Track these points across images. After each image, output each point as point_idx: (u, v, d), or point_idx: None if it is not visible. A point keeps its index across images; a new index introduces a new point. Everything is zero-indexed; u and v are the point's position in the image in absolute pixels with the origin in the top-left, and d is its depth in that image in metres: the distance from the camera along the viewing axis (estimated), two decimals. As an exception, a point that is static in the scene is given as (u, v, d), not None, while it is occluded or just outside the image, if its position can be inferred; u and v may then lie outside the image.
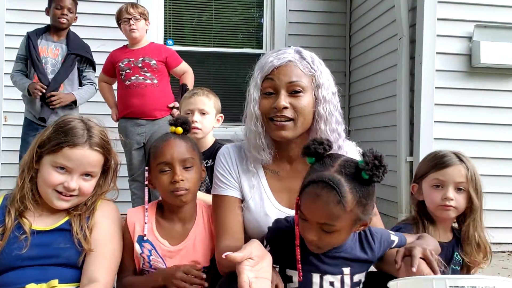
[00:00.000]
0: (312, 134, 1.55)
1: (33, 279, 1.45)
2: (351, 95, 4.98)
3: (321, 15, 4.97)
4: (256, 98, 1.54)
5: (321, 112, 1.52)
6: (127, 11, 3.50)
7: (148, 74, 3.48)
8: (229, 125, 4.60)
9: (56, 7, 3.42)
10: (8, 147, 4.17)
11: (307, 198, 1.25)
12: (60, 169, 1.50)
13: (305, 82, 1.51)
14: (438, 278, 1.18)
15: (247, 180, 1.60)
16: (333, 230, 1.25)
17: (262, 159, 1.58)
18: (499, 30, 3.63)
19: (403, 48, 3.74)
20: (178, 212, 1.63)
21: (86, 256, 1.52)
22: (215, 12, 5.08)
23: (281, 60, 1.51)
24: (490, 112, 3.68)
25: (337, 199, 1.21)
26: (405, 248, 1.37)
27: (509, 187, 3.68)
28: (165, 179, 1.58)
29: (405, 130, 3.72)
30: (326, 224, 1.24)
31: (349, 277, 1.38)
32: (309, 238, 1.27)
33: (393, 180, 3.77)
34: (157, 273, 1.59)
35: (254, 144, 1.56)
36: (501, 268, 3.20)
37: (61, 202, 1.52)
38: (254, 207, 1.57)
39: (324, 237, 1.26)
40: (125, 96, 3.52)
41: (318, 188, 1.23)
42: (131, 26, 3.50)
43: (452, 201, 1.72)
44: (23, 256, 1.47)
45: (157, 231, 1.62)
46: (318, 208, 1.23)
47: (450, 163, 1.74)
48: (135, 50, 3.55)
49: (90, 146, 1.52)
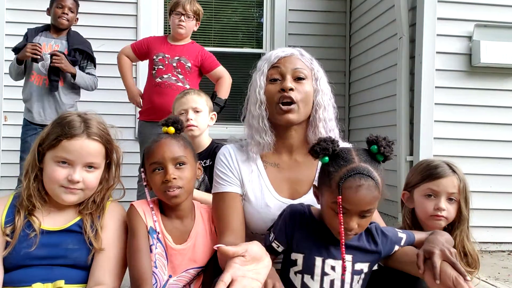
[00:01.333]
0: (311, 123, 1.65)
1: (39, 279, 1.46)
2: (351, 95, 4.99)
3: (321, 14, 4.97)
4: (262, 84, 1.64)
5: (320, 101, 1.65)
6: (183, 6, 3.37)
7: (181, 77, 3.35)
8: (228, 125, 4.63)
9: (57, 6, 3.43)
10: (8, 147, 4.17)
11: (349, 191, 1.32)
12: (62, 163, 1.50)
13: (307, 72, 1.65)
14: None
15: (248, 175, 1.64)
16: (370, 214, 1.37)
17: (265, 144, 1.63)
18: (499, 30, 3.63)
19: (403, 47, 3.74)
20: (175, 210, 1.63)
21: (94, 258, 1.52)
22: (215, 11, 5.08)
23: (285, 52, 1.67)
24: (490, 112, 3.68)
25: (375, 185, 1.33)
26: (424, 250, 1.37)
27: (509, 186, 3.68)
28: (158, 179, 1.58)
29: (405, 129, 3.72)
30: (368, 211, 1.35)
31: (351, 264, 1.43)
32: (352, 227, 1.35)
33: (393, 179, 3.77)
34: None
35: (257, 127, 1.63)
36: (501, 268, 3.20)
37: (68, 195, 1.52)
38: (255, 199, 1.61)
39: (362, 222, 1.37)
40: (153, 93, 3.36)
41: (356, 180, 1.32)
42: (180, 22, 3.37)
43: (444, 212, 1.75)
44: (32, 255, 1.47)
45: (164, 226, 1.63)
46: (362, 197, 1.32)
47: (444, 174, 1.77)
48: (174, 46, 3.42)
49: (88, 136, 1.52)
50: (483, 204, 3.51)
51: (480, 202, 3.45)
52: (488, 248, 3.63)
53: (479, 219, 1.99)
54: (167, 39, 3.50)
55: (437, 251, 1.34)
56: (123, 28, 4.60)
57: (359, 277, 1.45)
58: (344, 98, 4.99)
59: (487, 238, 3.61)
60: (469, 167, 3.45)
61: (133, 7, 4.64)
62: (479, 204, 3.19)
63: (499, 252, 3.62)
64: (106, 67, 4.17)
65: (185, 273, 1.63)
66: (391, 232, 1.50)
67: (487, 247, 3.63)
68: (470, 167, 3.48)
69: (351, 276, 1.43)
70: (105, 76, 4.10)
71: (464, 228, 1.78)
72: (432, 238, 1.44)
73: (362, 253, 1.45)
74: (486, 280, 2.79)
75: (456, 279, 1.27)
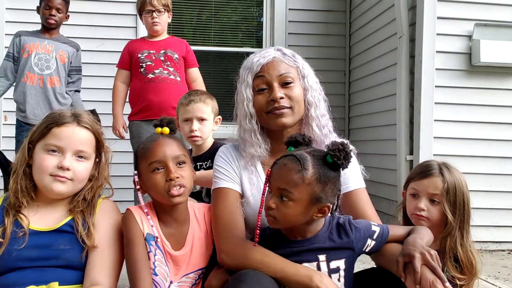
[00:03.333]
0: (305, 122, 1.63)
1: (33, 281, 1.44)
2: (351, 94, 4.98)
3: (321, 14, 4.97)
4: (249, 97, 1.61)
5: (310, 99, 1.62)
6: (151, 2, 3.28)
7: (172, 69, 3.28)
8: (228, 124, 4.62)
9: (45, 7, 3.42)
10: (8, 147, 4.16)
11: (275, 167, 1.41)
12: (52, 151, 1.50)
13: (293, 73, 1.61)
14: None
15: (247, 177, 1.62)
16: (290, 198, 1.36)
17: (259, 156, 1.62)
18: (499, 29, 3.62)
19: (403, 46, 3.74)
20: (172, 213, 1.59)
21: (88, 258, 1.50)
22: (215, 10, 5.08)
23: (267, 58, 1.61)
24: (490, 111, 3.68)
25: (298, 169, 1.36)
26: (404, 254, 1.35)
27: (508, 185, 3.68)
28: (159, 178, 1.53)
29: (405, 129, 3.72)
30: (285, 190, 1.36)
31: (325, 263, 1.43)
32: (268, 204, 1.38)
33: (393, 179, 3.77)
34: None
35: (250, 142, 1.61)
36: (501, 267, 3.20)
37: (57, 184, 1.50)
38: (254, 203, 1.59)
39: (281, 206, 1.37)
40: (147, 90, 3.24)
41: (286, 159, 1.39)
42: (154, 20, 3.30)
43: (423, 212, 1.73)
44: (23, 256, 1.46)
45: (161, 231, 1.59)
46: (281, 174, 1.38)
47: (428, 175, 1.74)
48: (155, 42, 3.35)
49: (78, 123, 1.54)
50: (483, 203, 3.52)
51: (480, 201, 3.45)
52: (488, 247, 3.63)
53: (479, 218, 1.97)
54: (145, 39, 3.44)
55: (418, 254, 1.32)
56: (122, 28, 4.60)
57: (337, 274, 1.43)
58: (344, 97, 4.99)
59: (487, 237, 3.61)
60: (469, 166, 3.46)
61: (133, 6, 4.62)
62: (479, 203, 3.20)
63: (499, 251, 3.62)
64: (105, 66, 4.17)
65: (185, 277, 1.60)
66: (363, 225, 1.49)
67: (487, 246, 3.63)
68: (470, 166, 3.48)
69: (328, 275, 1.41)
70: (104, 75, 4.11)
71: (455, 232, 1.71)
72: (412, 240, 1.41)
73: (335, 251, 1.44)
74: (486, 279, 2.79)
75: (433, 283, 1.26)
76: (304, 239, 1.45)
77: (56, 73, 3.43)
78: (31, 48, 3.40)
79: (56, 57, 3.43)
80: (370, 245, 1.48)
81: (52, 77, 3.42)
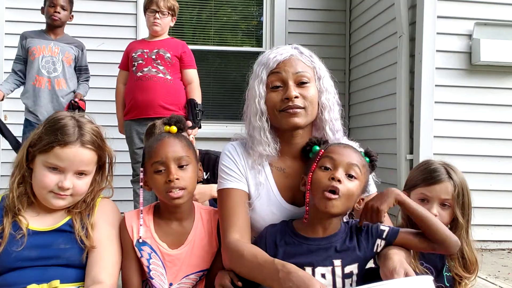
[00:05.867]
0: (317, 125, 1.61)
1: (34, 280, 1.44)
2: (351, 93, 4.98)
3: (321, 13, 4.97)
4: (262, 93, 1.56)
5: (324, 102, 1.58)
6: (157, 3, 3.29)
7: (161, 68, 3.27)
8: (228, 124, 4.63)
9: (50, 4, 3.46)
10: (8, 146, 4.14)
11: (337, 146, 1.49)
12: (53, 169, 1.48)
13: (310, 73, 1.57)
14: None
15: (254, 177, 1.59)
16: (356, 176, 1.43)
17: (268, 155, 1.58)
18: (499, 28, 3.62)
19: (403, 46, 3.74)
20: (175, 212, 1.61)
21: (89, 256, 1.50)
22: (215, 10, 5.07)
23: (284, 55, 1.56)
24: (490, 110, 3.68)
25: (360, 154, 1.49)
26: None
27: (509, 185, 3.68)
28: (160, 179, 1.54)
29: (405, 128, 3.72)
30: (356, 166, 1.43)
31: (340, 268, 1.43)
32: (338, 177, 1.40)
33: (393, 178, 3.77)
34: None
35: (259, 140, 1.57)
36: (501, 266, 3.20)
37: (58, 200, 1.50)
38: (260, 205, 1.57)
39: (347, 182, 1.41)
40: (135, 89, 3.28)
41: (343, 144, 1.51)
42: (155, 20, 3.32)
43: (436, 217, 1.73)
44: (23, 257, 1.46)
45: (156, 233, 1.60)
46: (350, 152, 1.46)
47: (437, 180, 1.75)
48: (152, 42, 3.38)
49: (81, 144, 1.49)
50: (483, 202, 3.51)
51: (480, 200, 3.42)
52: (488, 246, 3.63)
53: (479, 217, 1.97)
54: (144, 39, 3.49)
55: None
56: (122, 27, 4.59)
57: (350, 279, 1.44)
58: (344, 96, 4.98)
59: (487, 236, 3.61)
60: (469, 165, 3.46)
61: (133, 6, 4.63)
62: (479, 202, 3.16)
63: (499, 250, 3.62)
64: (105, 66, 4.17)
65: (186, 279, 1.60)
66: (373, 227, 1.50)
67: (487, 245, 3.63)
68: (470, 165, 3.48)
69: (342, 280, 1.42)
70: (103, 75, 4.10)
71: (462, 233, 1.74)
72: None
73: (350, 255, 1.45)
74: (486, 278, 2.79)
75: (391, 273, 1.30)
76: (322, 237, 1.46)
77: (63, 75, 3.49)
78: (38, 50, 3.44)
79: (63, 59, 3.49)
80: (381, 245, 1.48)
81: (59, 80, 3.48)
